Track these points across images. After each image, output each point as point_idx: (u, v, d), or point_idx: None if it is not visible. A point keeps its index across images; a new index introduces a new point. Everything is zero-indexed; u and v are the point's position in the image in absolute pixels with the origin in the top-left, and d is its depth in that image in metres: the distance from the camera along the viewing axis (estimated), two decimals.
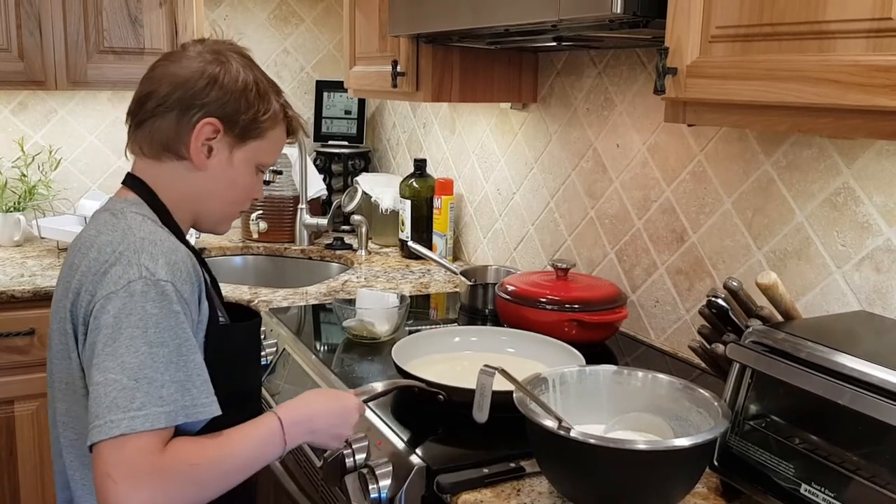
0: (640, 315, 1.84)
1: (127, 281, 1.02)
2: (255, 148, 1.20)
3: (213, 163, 1.17)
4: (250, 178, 1.22)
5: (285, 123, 1.24)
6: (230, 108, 1.15)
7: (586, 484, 1.06)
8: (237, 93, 1.15)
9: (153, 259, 1.04)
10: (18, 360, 2.21)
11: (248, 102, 1.16)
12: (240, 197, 1.24)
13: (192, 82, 1.14)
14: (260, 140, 1.20)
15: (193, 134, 1.14)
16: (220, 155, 1.17)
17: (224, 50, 1.20)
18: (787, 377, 1.04)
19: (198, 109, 1.14)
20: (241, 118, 1.16)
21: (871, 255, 1.34)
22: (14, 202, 2.71)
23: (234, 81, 1.16)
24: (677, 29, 1.17)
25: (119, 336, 0.99)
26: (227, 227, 1.28)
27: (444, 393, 1.33)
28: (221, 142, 1.17)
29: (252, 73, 1.19)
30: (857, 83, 0.93)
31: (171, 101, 1.14)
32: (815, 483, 1.00)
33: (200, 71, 1.15)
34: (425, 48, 1.98)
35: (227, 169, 1.19)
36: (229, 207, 1.24)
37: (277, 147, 1.24)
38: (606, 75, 1.91)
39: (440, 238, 2.50)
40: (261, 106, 1.17)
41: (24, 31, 2.43)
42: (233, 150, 1.18)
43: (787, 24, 1.02)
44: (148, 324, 1.00)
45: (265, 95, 1.19)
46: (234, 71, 1.17)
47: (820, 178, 1.42)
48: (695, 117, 1.20)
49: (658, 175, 1.77)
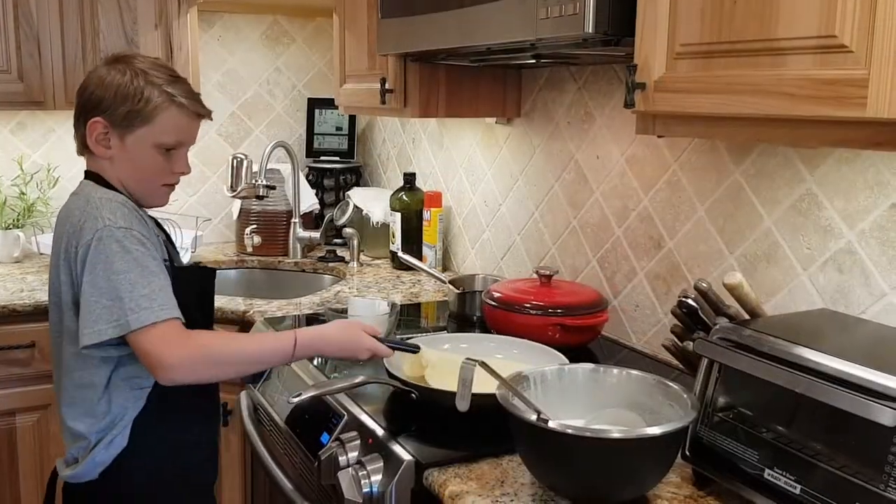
0: (621, 319, 1.92)
1: (95, 229, 1.35)
2: (145, 133, 1.43)
3: (112, 152, 1.45)
4: (152, 158, 1.46)
5: (177, 108, 1.44)
6: (107, 105, 1.41)
7: (564, 472, 1.13)
8: (111, 92, 1.41)
9: (112, 212, 1.37)
10: (19, 373, 2.26)
11: (122, 97, 1.41)
12: (150, 174, 1.48)
13: (86, 90, 1.44)
14: (148, 126, 1.43)
15: (87, 132, 1.44)
16: (115, 144, 1.44)
17: (123, 58, 1.46)
18: (751, 370, 1.11)
19: (89, 112, 1.43)
20: (118, 111, 1.41)
21: (834, 257, 1.42)
22: (13, 219, 2.77)
23: (111, 83, 1.42)
24: (645, 47, 1.25)
25: (91, 267, 1.34)
26: (160, 199, 1.53)
27: (416, 392, 1.41)
28: (113, 133, 1.43)
29: (131, 74, 1.42)
30: (806, 95, 1.01)
31: (77, 109, 1.46)
32: (777, 468, 1.07)
33: (92, 79, 1.44)
34: (412, 66, 2.06)
35: (126, 154, 1.44)
36: (147, 184, 1.49)
37: (173, 128, 1.45)
38: (586, 90, 1.99)
39: (430, 249, 2.57)
40: (134, 99, 1.41)
41: (24, 52, 2.50)
42: (123, 139, 1.44)
43: (743, 42, 1.10)
44: (114, 258, 1.33)
45: (139, 90, 1.41)
46: (113, 75, 1.42)
47: (785, 186, 1.50)
48: (664, 129, 1.28)
49: (636, 185, 1.85)
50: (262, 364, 1.56)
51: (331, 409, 1.50)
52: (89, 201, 1.41)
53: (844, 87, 0.96)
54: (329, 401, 1.50)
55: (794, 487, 1.04)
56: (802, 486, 1.03)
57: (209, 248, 3.02)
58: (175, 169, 1.50)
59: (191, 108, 1.47)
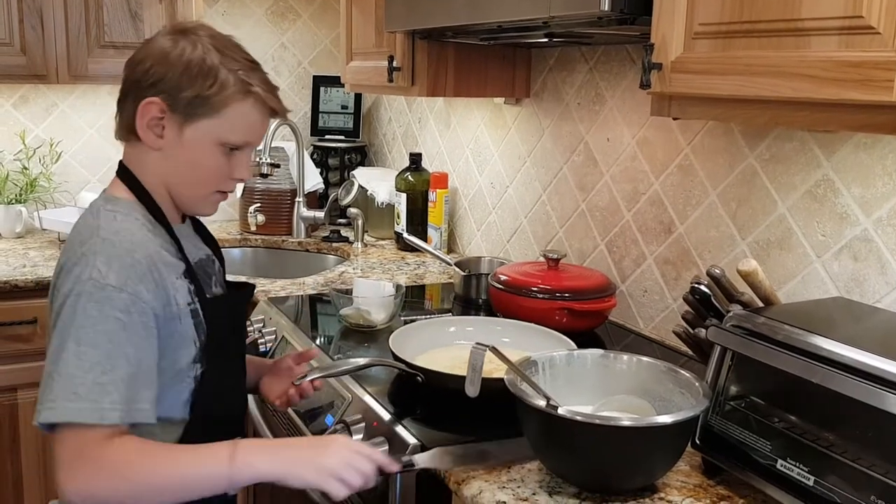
0: (629, 304, 1.89)
1: (80, 281, 1.06)
2: (210, 125, 1.15)
3: (164, 142, 1.16)
4: (212, 157, 1.18)
5: (253, 101, 1.17)
6: (170, 86, 1.13)
7: (573, 460, 1.11)
8: (178, 70, 1.13)
9: (108, 263, 1.07)
10: (21, 349, 2.25)
11: (190, 78, 1.13)
12: (204, 176, 1.20)
13: (143, 64, 1.15)
14: (214, 117, 1.15)
15: (139, 114, 1.15)
16: (169, 133, 1.16)
17: (192, 29, 1.17)
18: (765, 358, 1.09)
19: (145, 90, 1.14)
20: (182, 95, 1.13)
21: (850, 245, 1.40)
22: (16, 194, 2.75)
23: (179, 58, 1.13)
24: (662, 26, 1.22)
25: (60, 330, 1.06)
26: (208, 208, 1.25)
27: (421, 375, 1.39)
28: (169, 120, 1.15)
29: (203, 50, 1.14)
30: (830, 78, 0.98)
31: (128, 84, 1.17)
32: (790, 459, 1.05)
33: (152, 52, 1.15)
34: (421, 44, 2.03)
35: (180, 148, 1.16)
36: (198, 188, 1.21)
37: (243, 125, 1.18)
38: (597, 71, 1.96)
39: (435, 230, 2.54)
40: (204, 82, 1.13)
41: (27, 25, 2.47)
42: (182, 128, 1.15)
43: (765, 22, 1.07)
44: (85, 324, 1.05)
45: (214, 71, 1.14)
46: (182, 49, 1.14)
47: (801, 171, 1.47)
48: (679, 111, 1.25)
49: (647, 168, 1.82)
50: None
51: (335, 392, 1.48)
52: (95, 230, 1.12)
53: (871, 69, 0.93)
54: (333, 383, 1.49)
55: (808, 479, 1.02)
56: (816, 478, 1.01)
57: (212, 226, 2.95)
58: (235, 174, 1.20)
59: (269, 103, 1.19)
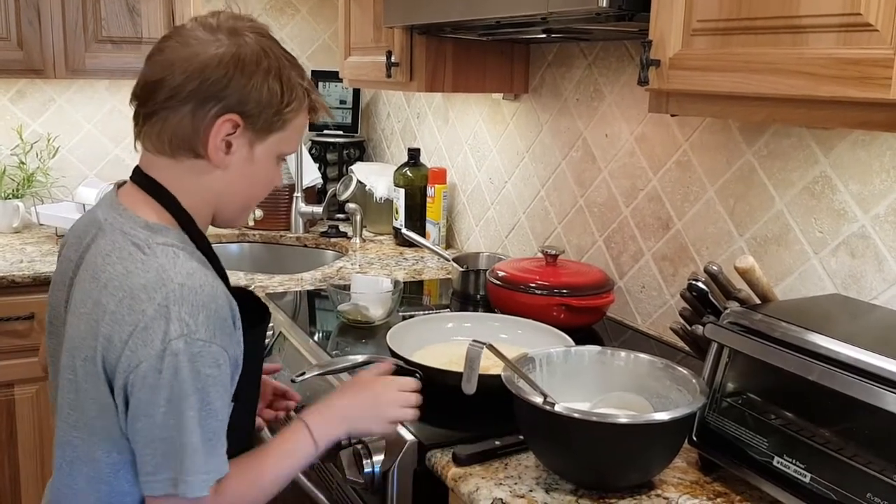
0: (626, 300, 1.89)
1: (168, 339, 0.95)
2: (277, 140, 1.09)
3: (232, 160, 1.07)
4: (271, 170, 1.13)
5: (310, 108, 1.13)
6: (251, 101, 1.04)
7: (570, 456, 1.11)
8: (258, 83, 1.04)
9: (193, 314, 0.97)
10: (18, 344, 2.25)
11: (270, 93, 1.05)
12: (260, 191, 1.15)
13: (208, 71, 1.02)
14: (283, 131, 1.09)
15: (213, 131, 1.03)
16: (239, 151, 1.07)
17: (242, 29, 1.07)
18: (762, 355, 1.09)
19: (215, 103, 1.02)
20: (263, 111, 1.05)
21: (847, 242, 1.40)
22: (13, 189, 2.74)
23: (255, 70, 1.03)
24: (661, 22, 1.22)
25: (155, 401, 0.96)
26: (244, 220, 1.21)
27: (419, 371, 1.39)
28: (241, 137, 1.06)
29: (274, 57, 1.07)
30: (828, 75, 0.98)
31: (186, 93, 1.02)
32: (787, 456, 1.06)
33: (217, 57, 1.02)
34: (419, 39, 2.02)
35: (248, 165, 1.08)
36: (249, 202, 1.16)
37: (299, 134, 1.14)
38: (596, 67, 1.95)
39: (433, 226, 2.54)
40: (285, 96, 1.06)
41: (24, 20, 2.46)
42: (254, 146, 1.07)
43: (763, 19, 1.07)
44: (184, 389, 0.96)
45: (289, 83, 1.07)
46: (254, 56, 1.04)
47: (799, 167, 1.47)
48: (677, 108, 1.25)
49: (645, 164, 1.82)
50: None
51: (334, 388, 1.48)
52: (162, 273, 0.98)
53: (869, 67, 0.93)
54: (332, 380, 1.49)
55: (804, 476, 1.03)
56: (812, 475, 1.02)
57: None
58: (276, 181, 1.16)
59: (321, 108, 1.14)
